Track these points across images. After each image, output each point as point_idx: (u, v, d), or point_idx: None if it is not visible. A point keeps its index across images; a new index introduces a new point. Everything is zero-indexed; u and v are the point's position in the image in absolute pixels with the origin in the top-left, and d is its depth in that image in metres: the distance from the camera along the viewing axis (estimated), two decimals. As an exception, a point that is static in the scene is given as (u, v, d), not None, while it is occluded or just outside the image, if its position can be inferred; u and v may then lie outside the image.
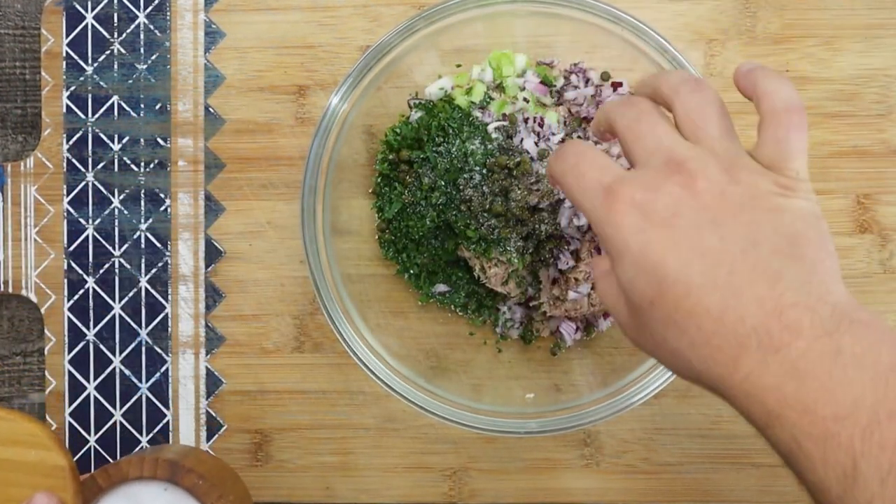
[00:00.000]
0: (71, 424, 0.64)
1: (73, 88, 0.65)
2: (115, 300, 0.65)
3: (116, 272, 0.65)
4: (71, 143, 0.65)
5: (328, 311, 0.56)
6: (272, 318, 0.64)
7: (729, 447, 0.63)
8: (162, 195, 0.65)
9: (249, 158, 0.64)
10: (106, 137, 0.65)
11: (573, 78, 0.60)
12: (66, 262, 0.65)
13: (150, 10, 0.65)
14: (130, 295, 0.65)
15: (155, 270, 0.65)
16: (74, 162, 0.65)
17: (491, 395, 0.61)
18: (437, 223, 0.59)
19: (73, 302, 0.65)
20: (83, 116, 0.65)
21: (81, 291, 0.65)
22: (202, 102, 0.64)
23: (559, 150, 0.44)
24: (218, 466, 0.58)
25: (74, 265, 0.65)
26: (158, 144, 0.65)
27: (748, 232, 0.38)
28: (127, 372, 0.65)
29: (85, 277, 0.65)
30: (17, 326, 0.67)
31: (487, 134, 0.58)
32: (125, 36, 0.65)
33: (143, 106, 0.65)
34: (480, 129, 0.58)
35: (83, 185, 0.65)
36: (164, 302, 0.64)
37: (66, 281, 0.65)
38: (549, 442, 0.63)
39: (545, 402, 0.60)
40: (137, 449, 0.64)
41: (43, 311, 0.65)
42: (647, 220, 0.38)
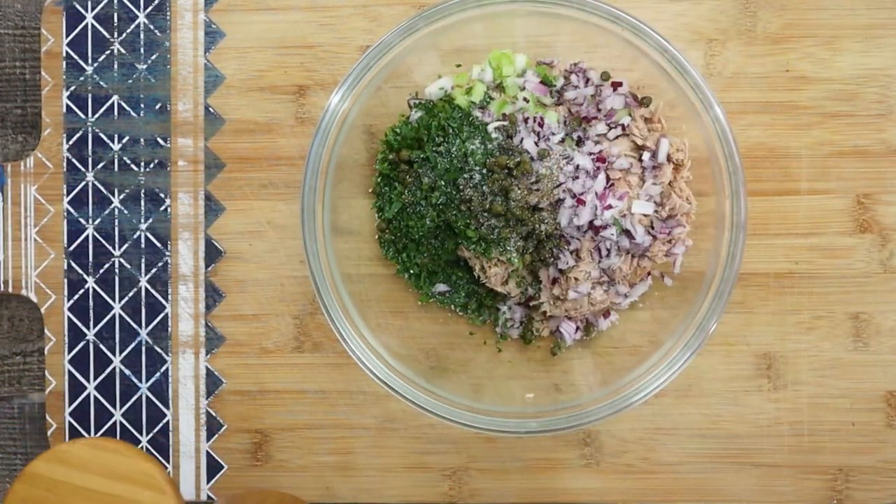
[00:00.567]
0: (71, 424, 0.64)
1: (73, 88, 0.65)
2: (115, 300, 0.65)
3: (116, 272, 0.65)
4: (71, 142, 0.65)
5: (328, 311, 0.56)
6: (272, 317, 0.64)
7: (729, 447, 0.63)
8: (162, 195, 0.65)
9: (249, 158, 0.64)
10: (106, 137, 0.65)
11: (573, 78, 0.60)
12: (66, 261, 0.65)
13: (150, 9, 0.65)
14: (130, 295, 0.65)
15: (155, 270, 0.65)
16: (74, 162, 0.65)
17: (491, 394, 0.61)
18: (437, 223, 0.59)
19: (73, 302, 0.65)
20: (83, 116, 0.65)
21: (81, 291, 0.65)
22: (202, 102, 0.64)
23: None
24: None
25: (74, 265, 0.65)
26: (158, 144, 0.65)
27: None
28: (127, 372, 0.65)
29: (85, 277, 0.65)
30: (17, 326, 0.67)
31: (487, 134, 0.58)
32: (125, 36, 0.65)
33: (143, 106, 0.65)
34: (480, 128, 0.58)
35: (83, 184, 0.65)
36: (164, 302, 0.64)
37: (66, 281, 0.65)
38: (549, 442, 0.63)
39: (545, 401, 0.60)
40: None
41: (43, 310, 0.65)
42: None
